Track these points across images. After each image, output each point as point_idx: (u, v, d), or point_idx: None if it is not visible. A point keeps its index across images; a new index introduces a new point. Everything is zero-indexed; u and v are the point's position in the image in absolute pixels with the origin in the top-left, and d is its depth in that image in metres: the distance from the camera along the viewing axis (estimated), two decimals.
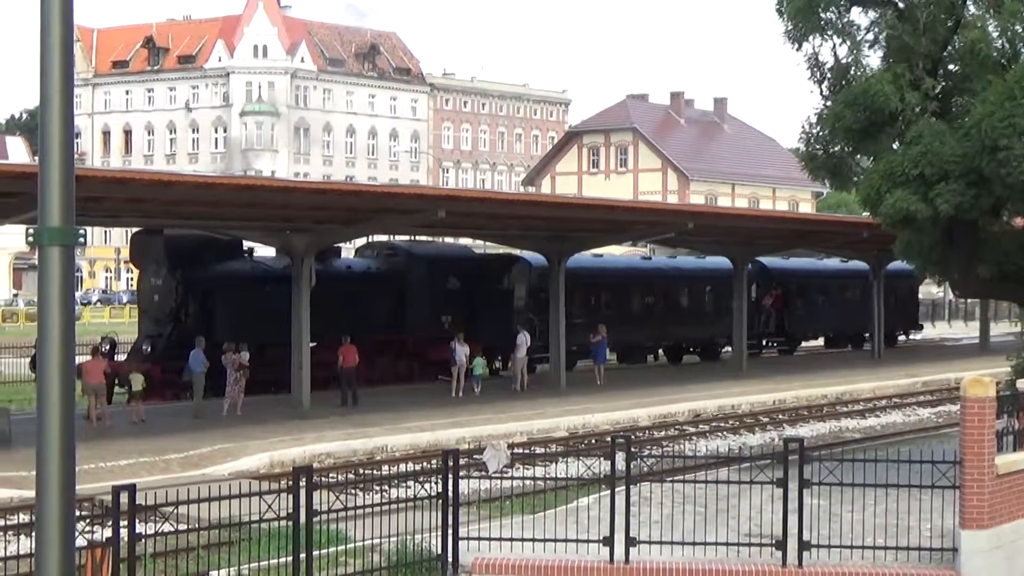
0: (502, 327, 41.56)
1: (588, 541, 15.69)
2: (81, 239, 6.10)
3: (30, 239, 6.04)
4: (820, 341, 61.40)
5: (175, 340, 35.12)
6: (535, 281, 44.20)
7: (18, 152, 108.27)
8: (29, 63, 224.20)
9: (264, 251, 38.78)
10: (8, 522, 16.67)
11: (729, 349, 50.04)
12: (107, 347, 35.15)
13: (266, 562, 15.48)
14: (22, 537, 16.36)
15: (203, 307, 36.07)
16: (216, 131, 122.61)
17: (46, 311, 6.00)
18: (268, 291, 36.20)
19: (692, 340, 53.08)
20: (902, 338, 62.92)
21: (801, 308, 56.48)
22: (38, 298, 6.03)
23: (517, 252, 45.20)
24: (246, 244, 38.15)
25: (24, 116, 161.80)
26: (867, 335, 57.06)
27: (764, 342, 56.21)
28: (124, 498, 12.98)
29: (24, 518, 18.53)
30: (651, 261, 55.88)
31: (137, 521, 13.21)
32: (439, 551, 15.77)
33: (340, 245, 41.71)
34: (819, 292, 58.08)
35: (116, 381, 33.29)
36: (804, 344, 59.56)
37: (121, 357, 36.95)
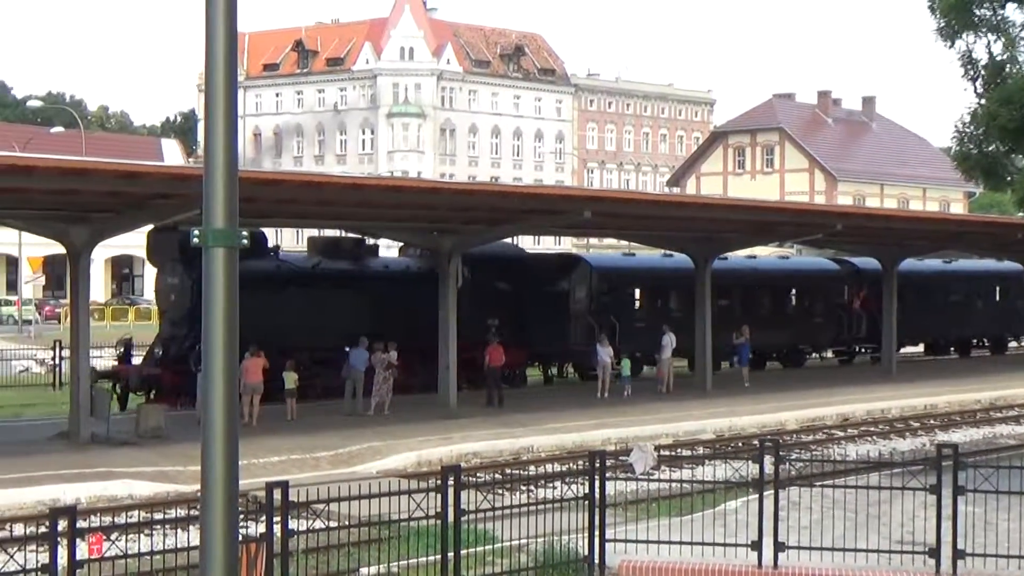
0: (556, 332, 40.02)
1: (736, 545, 15.59)
2: (244, 241, 6.27)
3: (195, 240, 6.22)
4: (920, 348, 57.02)
5: (191, 343, 32.62)
6: (596, 283, 41.84)
7: (173, 154, 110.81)
8: (179, 67, 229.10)
9: (287, 248, 37.20)
10: (166, 516, 17.09)
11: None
12: (121, 349, 34.96)
13: (414, 560, 15.64)
14: (178, 531, 16.72)
15: None
16: (363, 132, 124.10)
17: (211, 311, 6.17)
18: (293, 292, 34.35)
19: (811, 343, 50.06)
20: (1013, 344, 59.60)
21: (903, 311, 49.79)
22: (203, 298, 6.19)
23: (579, 253, 44.54)
24: (273, 241, 36.26)
25: (178, 119, 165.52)
26: (978, 341, 54.46)
27: (856, 348, 52.42)
28: (278, 495, 13.23)
29: (180, 512, 18.95)
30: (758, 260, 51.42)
31: (289, 517, 13.44)
32: (585, 552, 15.79)
33: (377, 243, 40.49)
34: (921, 294, 51.85)
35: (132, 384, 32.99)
36: (901, 351, 53.48)
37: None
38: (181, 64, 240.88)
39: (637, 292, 43.93)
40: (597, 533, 15.75)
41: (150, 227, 32.00)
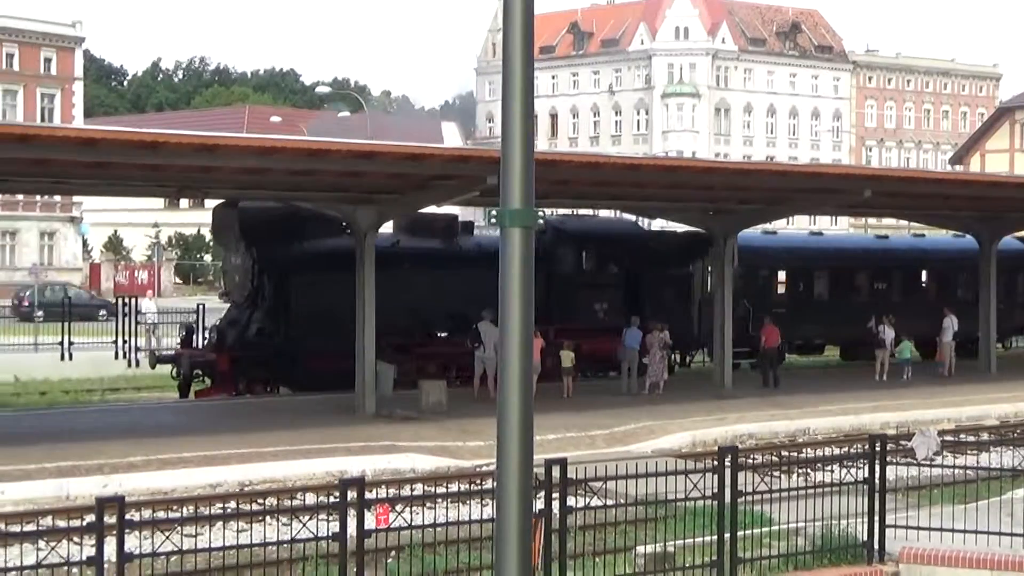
0: (679, 317, 35.99)
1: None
2: (540, 221, 6.47)
3: (492, 220, 6.45)
4: None
5: (255, 327, 31.54)
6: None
7: (452, 136, 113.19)
8: (458, 50, 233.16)
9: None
10: (448, 489, 17.57)
11: None
12: (184, 333, 34.03)
13: (690, 540, 15.69)
14: (459, 505, 17.17)
15: (280, 290, 31.49)
16: (638, 113, 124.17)
17: (507, 289, 6.37)
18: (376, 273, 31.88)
19: None
20: None
21: None
22: (500, 277, 6.41)
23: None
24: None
25: (456, 101, 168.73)
26: None
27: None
28: (556, 471, 13.46)
29: (461, 487, 19.45)
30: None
31: (567, 494, 13.67)
32: (864, 538, 15.55)
33: (472, 220, 37.54)
34: None
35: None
36: None
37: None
38: (460, 47, 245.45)
39: (783, 275, 40.97)
40: (877, 519, 15.51)
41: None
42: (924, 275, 43.57)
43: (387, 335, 30.59)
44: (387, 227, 33.92)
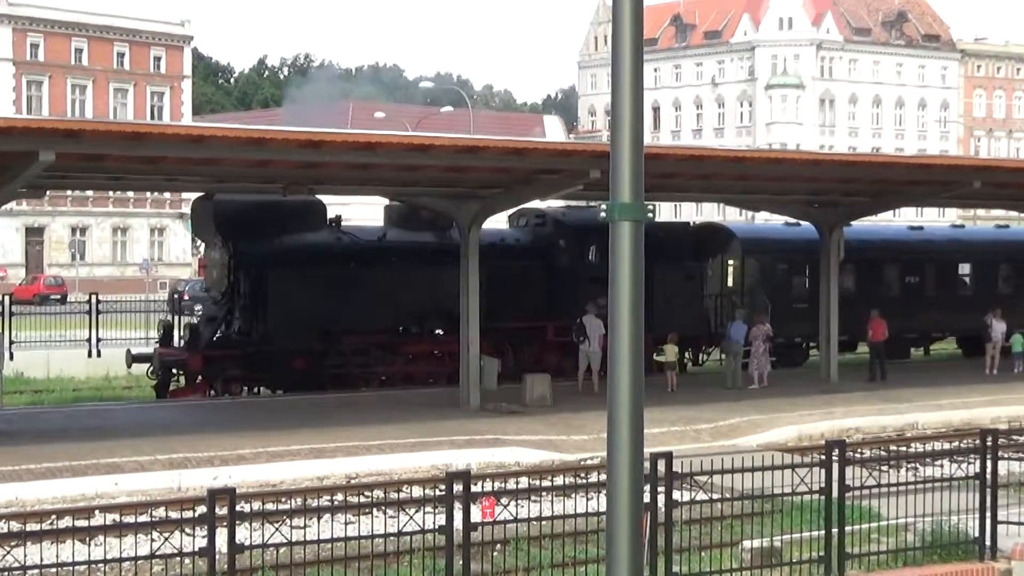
0: (690, 314, 34.26)
1: None
2: (650, 214, 6.49)
3: (602, 214, 6.47)
4: None
5: (231, 324, 30.29)
6: (742, 257, 36.74)
7: (555, 130, 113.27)
8: (560, 45, 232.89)
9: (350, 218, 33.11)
10: (553, 483, 17.62)
11: None
12: (161, 331, 31.92)
13: (797, 535, 15.58)
14: (564, 499, 17.19)
15: (257, 286, 29.90)
16: (741, 105, 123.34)
17: (617, 282, 6.40)
18: (352, 269, 30.38)
19: None
20: None
21: None
22: (610, 271, 6.43)
23: (720, 221, 38.97)
24: (334, 211, 31.88)
25: (559, 96, 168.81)
26: None
27: None
28: (662, 465, 13.44)
29: (567, 480, 19.49)
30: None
31: (673, 488, 13.64)
32: (975, 534, 15.34)
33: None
34: None
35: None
36: None
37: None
38: (561, 42, 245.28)
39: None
40: (988, 514, 15.28)
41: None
42: None
43: (372, 333, 30.39)
44: (376, 218, 33.41)
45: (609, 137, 6.59)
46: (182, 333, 30.95)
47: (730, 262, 36.87)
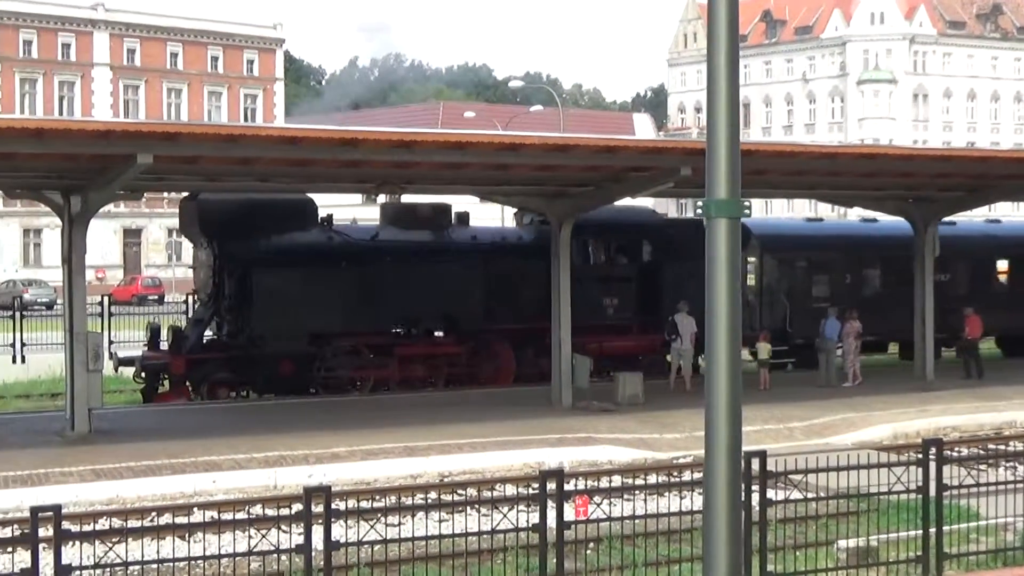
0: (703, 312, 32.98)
1: None
2: (746, 211, 6.48)
3: (698, 211, 6.47)
4: None
5: (215, 327, 29.80)
6: (761, 255, 35.29)
7: (644, 128, 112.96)
8: (648, 43, 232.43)
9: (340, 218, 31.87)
10: (647, 481, 17.59)
11: None
12: (149, 333, 31.16)
13: (893, 535, 15.44)
14: (658, 497, 17.15)
15: (242, 287, 29.11)
16: (832, 101, 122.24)
17: (714, 280, 6.39)
18: (343, 269, 29.52)
19: None
20: None
21: None
22: (706, 268, 6.44)
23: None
24: (324, 211, 30.92)
25: (648, 94, 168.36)
26: None
27: None
28: (755, 464, 13.38)
29: (655, 479, 19.45)
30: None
31: (767, 486, 13.57)
32: None
33: (468, 211, 33.37)
34: None
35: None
36: None
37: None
38: (650, 40, 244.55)
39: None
40: None
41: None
42: None
43: (363, 335, 29.63)
44: (372, 217, 32.60)
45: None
46: (166, 335, 30.26)
47: (749, 260, 35.36)
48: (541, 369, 30.38)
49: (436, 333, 31.51)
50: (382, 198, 30.49)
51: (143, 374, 29.58)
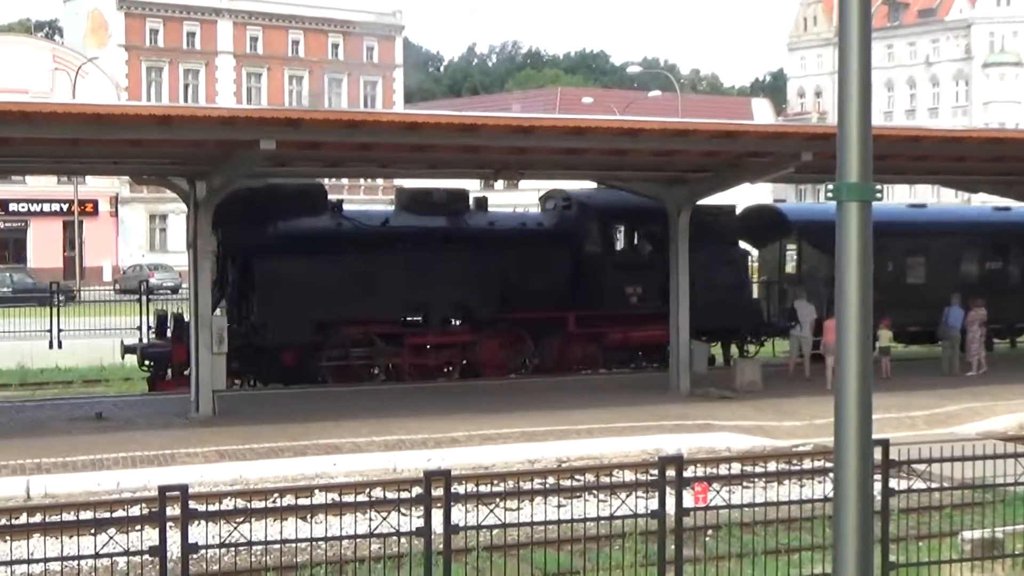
0: (731, 304, 31.73)
1: None
2: (878, 195, 6.44)
3: (829, 195, 6.43)
4: None
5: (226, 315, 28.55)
6: (798, 242, 34.01)
7: (763, 113, 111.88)
8: (767, 27, 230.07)
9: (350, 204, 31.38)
10: (767, 469, 17.49)
11: None
12: (156, 321, 30.49)
13: (1020, 526, 15.16)
14: (778, 485, 17.02)
15: (245, 275, 28.62)
16: (956, 84, 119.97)
17: (844, 264, 6.34)
18: (352, 256, 28.69)
19: None
20: None
21: None
22: (836, 252, 6.37)
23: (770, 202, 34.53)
24: (334, 195, 30.47)
25: (767, 78, 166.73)
26: None
27: None
28: (878, 453, 13.18)
29: (775, 466, 19.31)
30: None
31: (889, 476, 13.40)
32: None
33: (486, 196, 32.85)
34: None
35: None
36: None
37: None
38: (769, 25, 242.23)
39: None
40: None
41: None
42: None
43: (373, 324, 29.02)
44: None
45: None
46: (169, 323, 29.59)
47: (788, 247, 34.63)
48: (564, 358, 30.36)
49: (452, 321, 30.66)
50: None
51: (147, 362, 29.32)
